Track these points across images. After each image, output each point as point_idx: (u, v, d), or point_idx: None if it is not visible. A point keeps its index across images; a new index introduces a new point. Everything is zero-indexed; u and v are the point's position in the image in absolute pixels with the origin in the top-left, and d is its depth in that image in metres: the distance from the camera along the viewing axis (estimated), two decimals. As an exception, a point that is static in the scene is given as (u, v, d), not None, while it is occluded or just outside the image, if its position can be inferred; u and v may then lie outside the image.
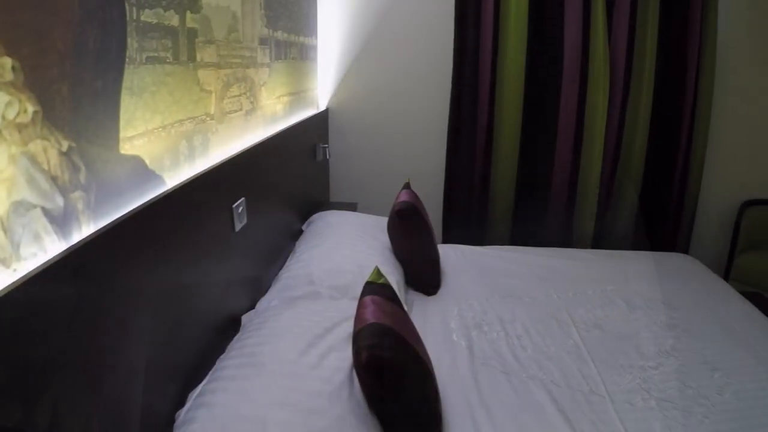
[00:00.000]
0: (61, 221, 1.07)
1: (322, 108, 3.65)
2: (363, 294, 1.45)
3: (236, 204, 1.84)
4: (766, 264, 3.83)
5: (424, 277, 2.51)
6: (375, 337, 1.26)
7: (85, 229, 1.14)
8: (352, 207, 3.52)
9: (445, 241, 3.81)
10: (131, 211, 1.26)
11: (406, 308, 2.15)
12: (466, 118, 3.66)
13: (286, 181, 2.61)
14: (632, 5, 3.54)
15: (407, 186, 2.73)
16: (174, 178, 1.52)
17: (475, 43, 3.55)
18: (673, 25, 3.66)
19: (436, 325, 2.23)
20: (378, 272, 1.54)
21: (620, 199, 3.97)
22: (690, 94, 3.73)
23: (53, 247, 1.05)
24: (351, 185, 3.85)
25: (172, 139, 1.50)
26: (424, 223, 2.50)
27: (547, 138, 3.74)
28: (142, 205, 1.30)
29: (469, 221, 3.84)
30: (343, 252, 2.31)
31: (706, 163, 3.99)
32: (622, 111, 3.73)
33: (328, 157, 3.35)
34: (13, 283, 0.92)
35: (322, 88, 3.68)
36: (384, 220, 2.74)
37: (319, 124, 3.45)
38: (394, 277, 2.25)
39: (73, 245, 1.07)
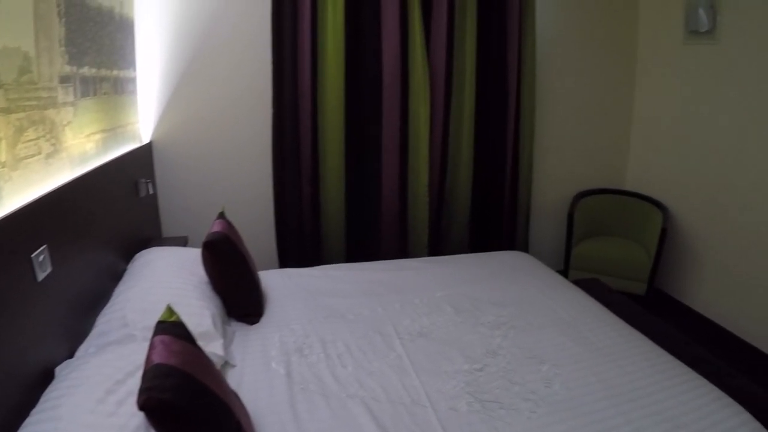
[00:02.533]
0: None
1: (146, 141, 3.57)
2: (154, 334, 1.46)
3: (36, 253, 1.78)
4: (600, 249, 4.20)
5: (244, 306, 2.51)
6: (156, 378, 1.27)
7: None
8: (182, 241, 3.45)
9: (282, 265, 3.84)
10: None
11: (223, 342, 2.16)
12: (289, 140, 3.71)
13: (103, 221, 2.53)
14: (449, 17, 3.75)
15: (221, 215, 2.72)
16: (-41, 233, 1.47)
17: (293, 64, 3.61)
18: (492, 34, 3.91)
19: (256, 354, 2.23)
20: (170, 310, 1.56)
21: (453, 204, 4.17)
22: (513, 98, 4.01)
23: None
24: (183, 218, 3.78)
25: (-47, 193, 1.45)
26: (238, 253, 2.50)
27: (372, 152, 3.87)
28: None
29: (304, 243, 3.89)
30: (158, 290, 2.26)
31: (536, 162, 4.34)
32: (445, 119, 3.93)
33: (151, 191, 3.28)
34: None
35: (145, 121, 3.59)
36: (204, 253, 2.72)
37: (141, 158, 3.37)
38: (209, 310, 2.24)
39: None
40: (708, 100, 3.91)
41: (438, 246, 4.20)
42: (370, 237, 4.01)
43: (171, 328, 1.48)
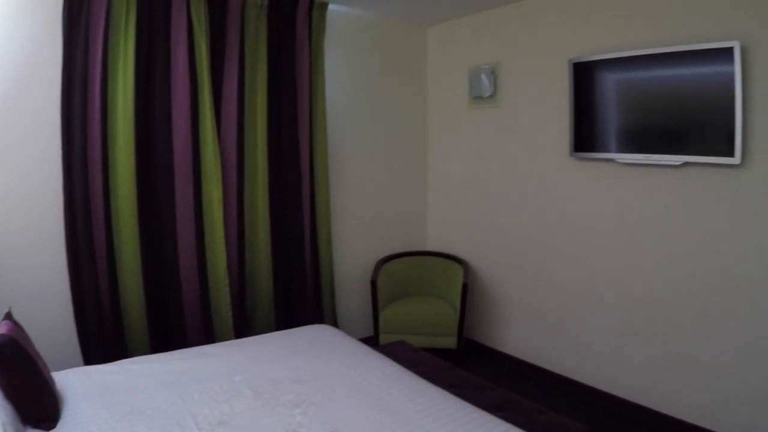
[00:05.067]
0: None
1: None
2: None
3: None
4: (406, 311, 4.50)
5: (37, 412, 2.40)
6: None
7: None
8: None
9: (87, 362, 3.69)
10: None
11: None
12: (82, 231, 3.64)
13: None
14: (239, 98, 3.98)
15: (7, 316, 2.64)
16: None
17: (83, 150, 3.59)
18: (283, 112, 4.20)
19: (53, 463, 2.12)
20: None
21: (255, 284, 4.30)
22: (306, 175, 4.30)
23: None
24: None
25: None
26: (26, 356, 2.42)
27: (168, 237, 3.91)
28: None
29: (107, 338, 3.80)
30: (-55, 404, 2.13)
31: (338, 235, 4.63)
32: (239, 199, 4.10)
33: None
34: None
35: None
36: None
37: None
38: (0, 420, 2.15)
39: None
40: (493, 158, 4.51)
41: (244, 327, 4.28)
42: (174, 325, 4.01)
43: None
